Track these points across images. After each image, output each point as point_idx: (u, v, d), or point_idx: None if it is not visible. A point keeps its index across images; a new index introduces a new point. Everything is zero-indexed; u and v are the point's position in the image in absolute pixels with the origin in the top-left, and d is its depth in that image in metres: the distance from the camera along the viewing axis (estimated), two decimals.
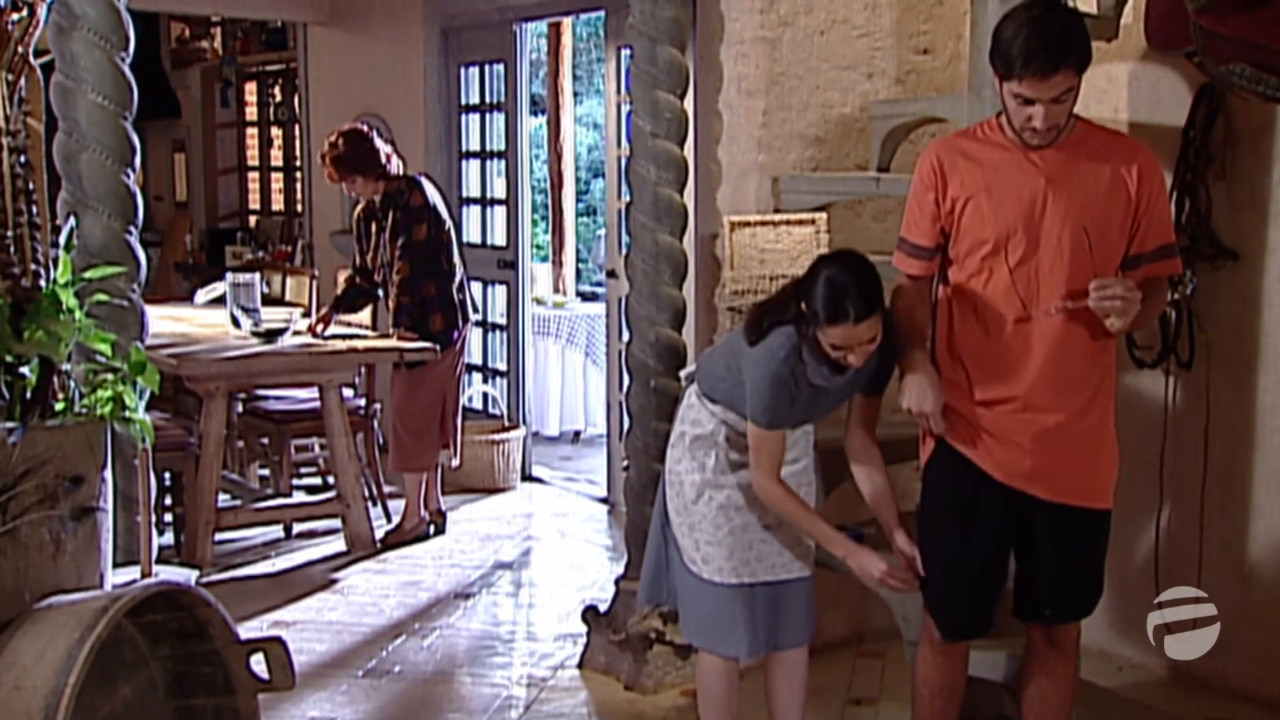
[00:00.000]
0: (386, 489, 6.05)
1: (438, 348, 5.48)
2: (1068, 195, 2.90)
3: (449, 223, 5.65)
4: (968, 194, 2.97)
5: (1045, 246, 2.90)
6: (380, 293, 5.78)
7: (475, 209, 7.16)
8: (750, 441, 3.13)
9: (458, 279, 5.66)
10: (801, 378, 3.07)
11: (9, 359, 2.63)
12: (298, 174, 9.08)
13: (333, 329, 5.78)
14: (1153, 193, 2.95)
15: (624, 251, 4.51)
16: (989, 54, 2.87)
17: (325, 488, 6.28)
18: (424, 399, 5.61)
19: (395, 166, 5.62)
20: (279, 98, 9.77)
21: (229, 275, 6.02)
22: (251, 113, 10.22)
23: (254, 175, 10.31)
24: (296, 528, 5.78)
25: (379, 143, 5.57)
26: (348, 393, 5.71)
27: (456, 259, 5.67)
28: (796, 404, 3.10)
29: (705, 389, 3.27)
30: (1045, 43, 2.74)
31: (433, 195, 5.60)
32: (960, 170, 2.99)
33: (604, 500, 6.38)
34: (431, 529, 5.77)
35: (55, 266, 2.75)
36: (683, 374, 3.72)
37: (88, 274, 2.92)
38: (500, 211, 6.97)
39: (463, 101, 7.10)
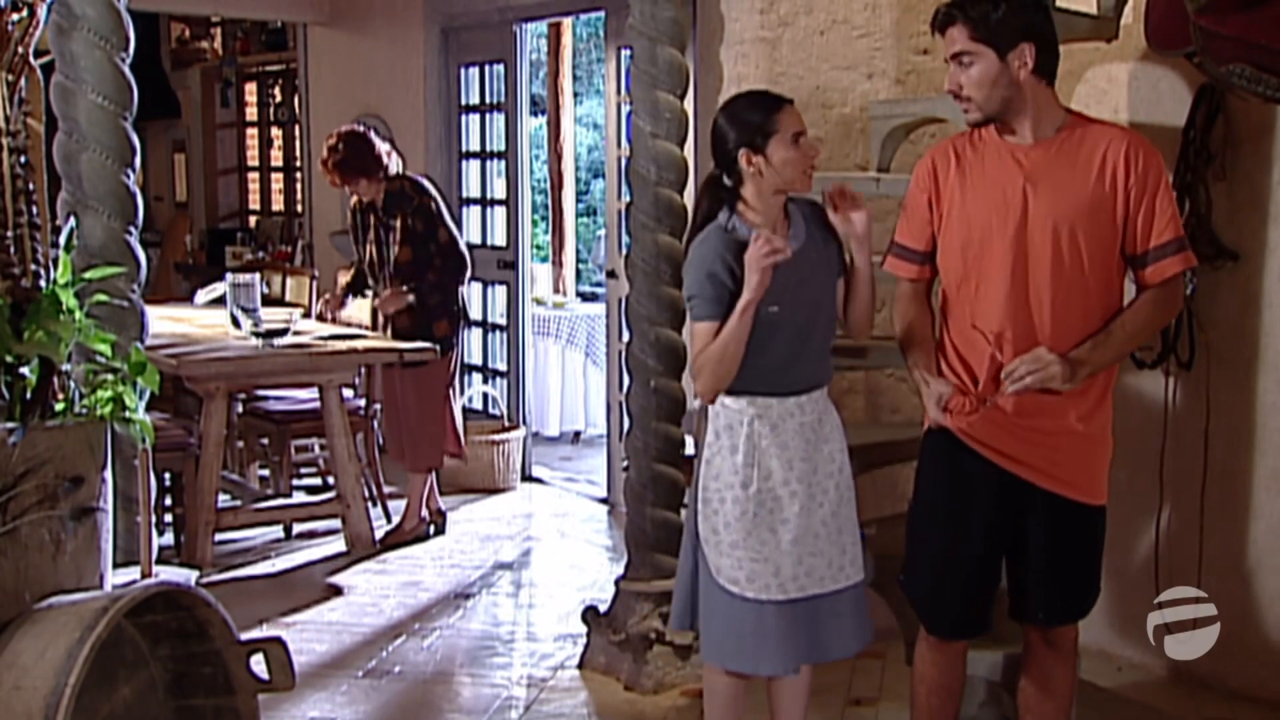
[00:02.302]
0: (386, 489, 6.05)
1: (438, 348, 5.49)
2: (1051, 193, 2.88)
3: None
4: (955, 196, 2.98)
5: (1034, 250, 2.89)
6: (375, 288, 5.78)
7: (475, 209, 7.17)
8: (693, 339, 3.10)
9: (460, 284, 5.68)
10: (739, 255, 3.00)
11: (9, 359, 2.63)
12: (298, 174, 9.09)
13: (333, 329, 5.78)
14: (1145, 183, 2.87)
15: (624, 252, 4.51)
16: None
17: (325, 488, 6.28)
18: (435, 398, 5.61)
19: (395, 165, 5.61)
20: (279, 98, 9.78)
21: (229, 276, 6.02)
22: (251, 113, 10.23)
23: (254, 176, 10.32)
24: (297, 528, 5.78)
25: (377, 142, 5.56)
26: (348, 393, 5.71)
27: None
28: (772, 297, 2.99)
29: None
30: (946, 4, 2.93)
31: (439, 200, 5.61)
32: (951, 171, 3.00)
33: (604, 501, 6.38)
34: (431, 529, 5.77)
35: (55, 267, 2.75)
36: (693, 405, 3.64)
37: (88, 274, 2.92)
38: (500, 212, 6.97)
39: (463, 102, 7.11)
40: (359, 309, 6.16)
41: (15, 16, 2.72)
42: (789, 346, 3.08)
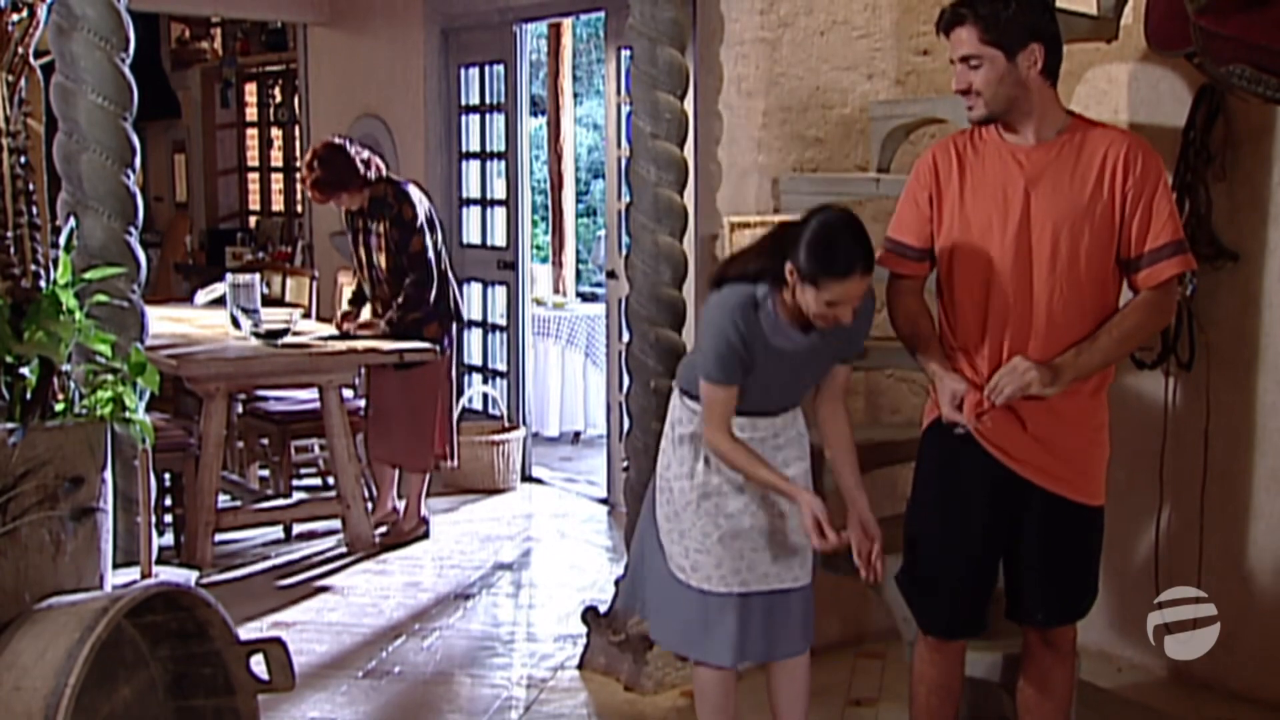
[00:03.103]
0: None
1: (438, 348, 5.50)
2: (1051, 195, 2.88)
3: (439, 229, 5.65)
4: (955, 194, 2.98)
5: (1033, 251, 2.89)
6: (368, 292, 5.78)
7: (475, 210, 7.16)
8: (702, 398, 3.08)
9: (451, 286, 5.67)
10: (757, 337, 3.01)
11: (9, 360, 2.63)
12: (297, 175, 9.06)
13: (332, 329, 5.78)
14: (1142, 186, 2.87)
15: (624, 252, 4.51)
16: None
17: (325, 488, 6.28)
18: (427, 399, 5.62)
19: (375, 170, 5.56)
20: (279, 98, 9.78)
21: (229, 276, 6.02)
22: (251, 113, 10.22)
23: (254, 176, 10.31)
24: (296, 528, 5.77)
25: (354, 152, 5.50)
26: (347, 394, 5.71)
27: (447, 266, 5.67)
28: (757, 368, 3.03)
29: (684, 384, 3.24)
30: (953, 4, 2.88)
31: (422, 205, 5.57)
32: (953, 170, 2.99)
33: (604, 501, 6.38)
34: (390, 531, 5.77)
35: (55, 267, 2.75)
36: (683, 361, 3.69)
37: (88, 275, 2.92)
38: (500, 212, 6.97)
39: (463, 102, 7.10)
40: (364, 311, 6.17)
41: (15, 17, 2.72)
42: (755, 397, 3.13)
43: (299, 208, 9.10)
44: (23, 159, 2.74)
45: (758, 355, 3.03)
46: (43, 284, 2.74)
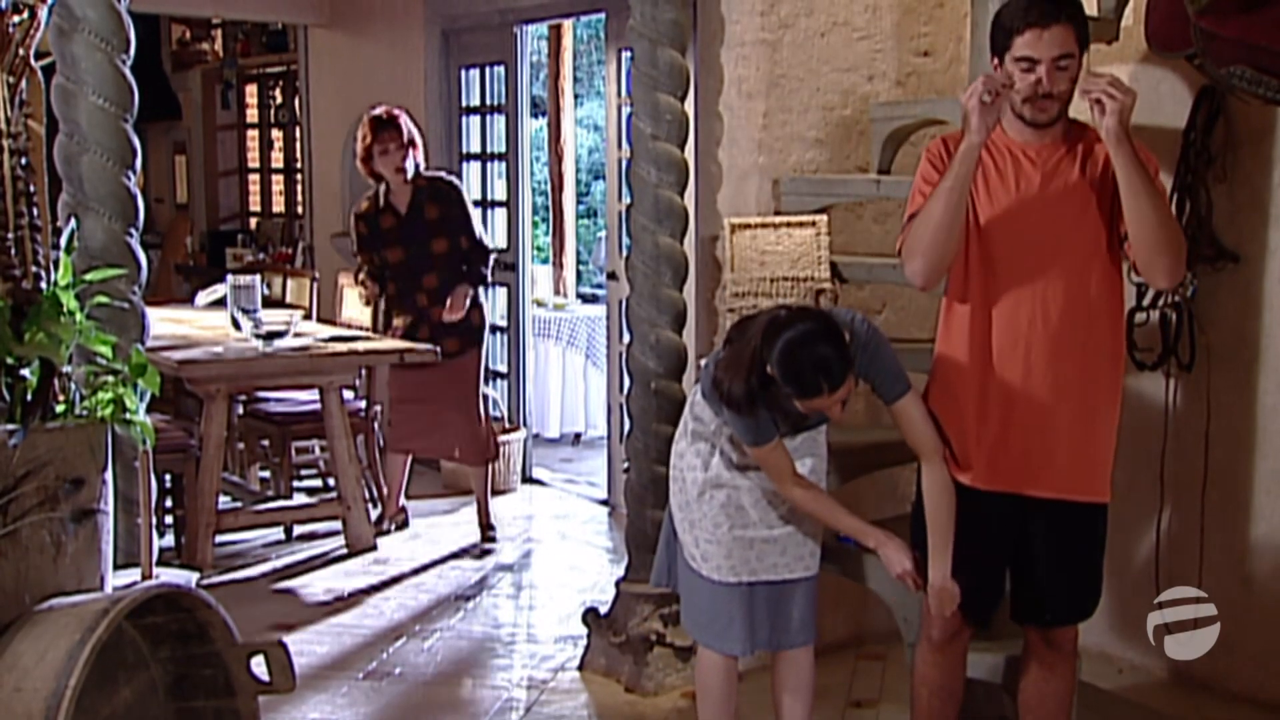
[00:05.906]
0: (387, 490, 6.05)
1: (438, 350, 5.46)
2: (1065, 189, 2.93)
3: None
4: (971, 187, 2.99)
5: (1051, 242, 2.92)
6: (390, 288, 5.73)
7: (476, 211, 7.14)
8: (753, 457, 3.13)
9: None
10: (777, 411, 3.05)
11: (10, 361, 2.63)
12: (298, 176, 9.09)
13: (332, 330, 5.78)
14: None
15: (624, 253, 4.51)
16: (989, 37, 2.93)
17: (326, 490, 6.28)
18: (474, 386, 5.65)
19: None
20: (279, 100, 9.79)
21: (229, 277, 6.00)
22: (252, 115, 10.24)
23: (254, 177, 10.32)
24: (297, 530, 5.78)
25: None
26: (348, 395, 5.71)
27: None
28: (782, 424, 3.10)
29: (706, 389, 3.25)
30: (1045, 2, 2.83)
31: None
32: None
33: (604, 502, 6.38)
34: (392, 527, 5.79)
35: (56, 268, 2.75)
36: (703, 362, 3.70)
37: (88, 276, 2.92)
38: (501, 213, 6.97)
39: (463, 103, 7.11)
40: (360, 311, 6.16)
41: (16, 19, 2.72)
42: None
43: (299, 209, 9.10)
44: (23, 160, 2.74)
45: (780, 423, 3.10)
46: (43, 285, 2.74)
